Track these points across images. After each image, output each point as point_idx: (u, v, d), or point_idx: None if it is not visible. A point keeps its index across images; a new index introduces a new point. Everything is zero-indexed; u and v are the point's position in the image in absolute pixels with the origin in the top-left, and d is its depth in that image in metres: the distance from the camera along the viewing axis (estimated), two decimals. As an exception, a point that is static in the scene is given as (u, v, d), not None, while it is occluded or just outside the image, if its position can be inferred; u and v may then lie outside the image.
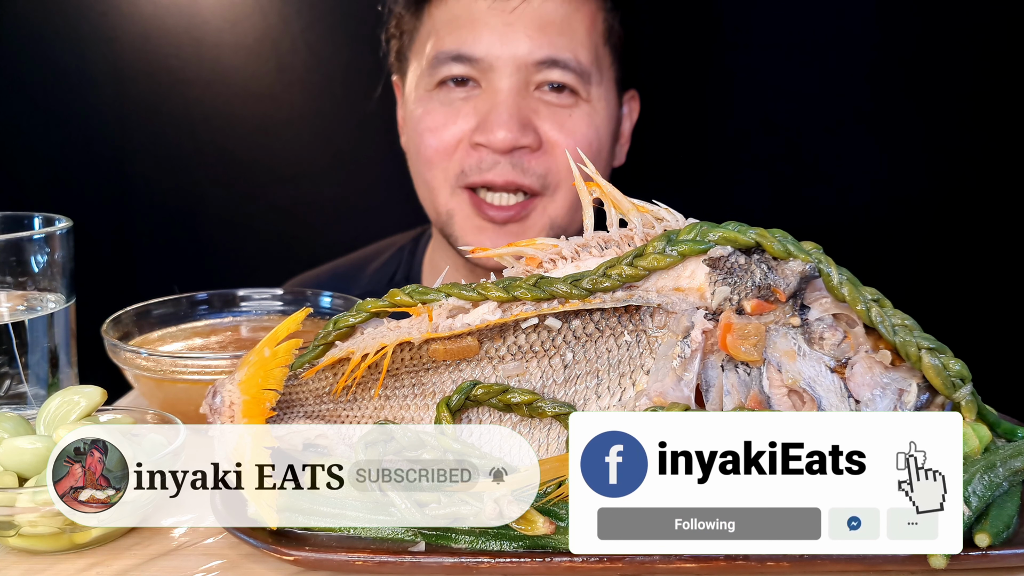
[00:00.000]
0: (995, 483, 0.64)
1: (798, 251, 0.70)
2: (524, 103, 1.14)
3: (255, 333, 0.99)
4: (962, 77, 1.54)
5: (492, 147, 1.14)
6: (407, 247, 1.44)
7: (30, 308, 0.89)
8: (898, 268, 1.59)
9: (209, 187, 1.82)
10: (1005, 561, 0.60)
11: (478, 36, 1.14)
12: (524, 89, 1.15)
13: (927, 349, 0.69)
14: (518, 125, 1.12)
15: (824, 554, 0.60)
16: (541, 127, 1.15)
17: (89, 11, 1.75)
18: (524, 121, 1.13)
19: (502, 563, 0.60)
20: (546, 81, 1.15)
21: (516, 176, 1.14)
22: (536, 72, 1.14)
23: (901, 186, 1.60)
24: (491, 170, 1.15)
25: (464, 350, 0.71)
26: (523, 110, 1.14)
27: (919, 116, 1.57)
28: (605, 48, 1.20)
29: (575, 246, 0.73)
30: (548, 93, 1.16)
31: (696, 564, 0.60)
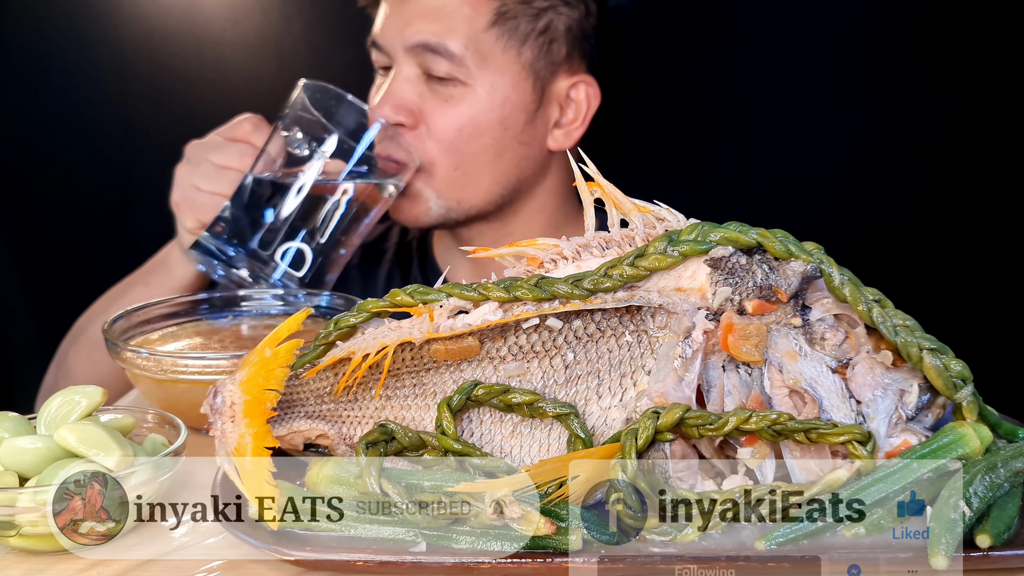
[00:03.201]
0: (996, 484, 0.64)
1: (799, 251, 0.70)
2: (409, 85, 1.25)
3: (256, 333, 0.99)
4: (963, 77, 1.54)
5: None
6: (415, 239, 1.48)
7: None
8: (899, 268, 1.59)
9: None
10: (1006, 562, 0.60)
11: (383, 24, 1.28)
12: (414, 73, 1.25)
13: (928, 350, 0.69)
14: (394, 105, 1.23)
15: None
16: (419, 109, 1.24)
17: (91, 10, 1.75)
18: (399, 102, 1.24)
19: (503, 563, 0.60)
20: (430, 70, 1.24)
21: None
22: (421, 59, 1.24)
23: (902, 186, 1.60)
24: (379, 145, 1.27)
25: (465, 350, 0.71)
26: (405, 91, 1.24)
27: (920, 116, 1.57)
28: (489, 34, 1.24)
29: (576, 246, 0.73)
30: (433, 82, 1.25)
31: (696, 564, 0.60)
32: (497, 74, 1.25)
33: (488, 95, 1.25)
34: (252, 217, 1.09)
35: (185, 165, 1.18)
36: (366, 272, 1.44)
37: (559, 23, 1.28)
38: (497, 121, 1.26)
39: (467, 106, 1.24)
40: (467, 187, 1.27)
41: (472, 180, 1.27)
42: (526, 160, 1.31)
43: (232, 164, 1.14)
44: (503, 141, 1.27)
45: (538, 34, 1.27)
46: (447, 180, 1.26)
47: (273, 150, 1.11)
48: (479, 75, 1.24)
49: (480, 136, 1.26)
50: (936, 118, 1.56)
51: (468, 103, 1.24)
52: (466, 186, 1.27)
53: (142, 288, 1.25)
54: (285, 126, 1.12)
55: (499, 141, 1.27)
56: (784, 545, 0.62)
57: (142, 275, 1.29)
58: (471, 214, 1.30)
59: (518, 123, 1.28)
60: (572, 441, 0.69)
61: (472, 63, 1.23)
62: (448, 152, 1.24)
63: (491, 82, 1.25)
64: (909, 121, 1.58)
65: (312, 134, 1.10)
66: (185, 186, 1.17)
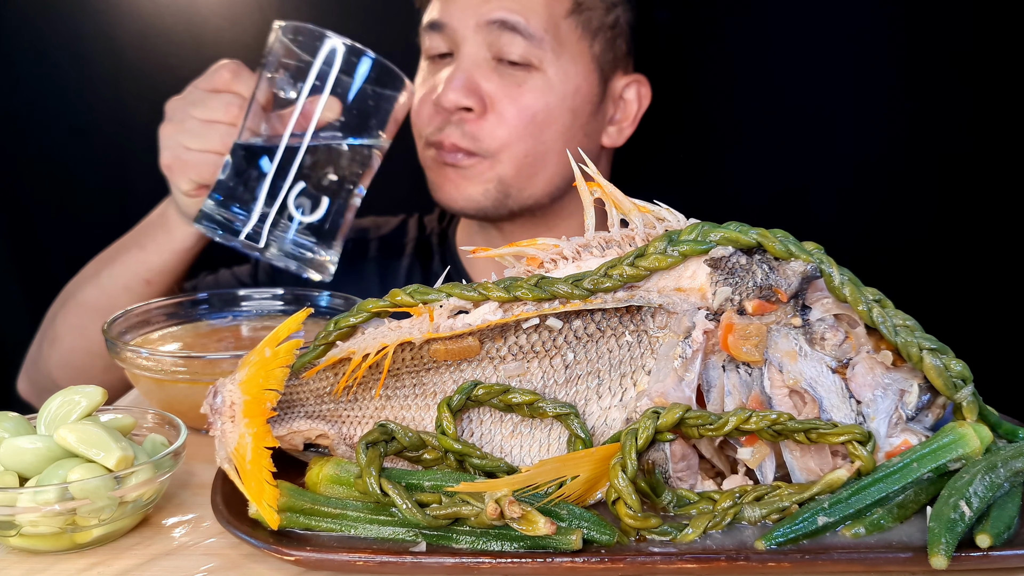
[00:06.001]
0: (996, 484, 0.64)
1: (799, 251, 0.70)
2: (478, 69, 1.23)
3: (256, 333, 0.99)
4: (964, 77, 1.54)
5: (441, 107, 1.23)
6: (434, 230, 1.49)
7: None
8: (900, 269, 1.59)
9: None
10: (1006, 562, 0.60)
11: (446, 5, 1.25)
12: (483, 57, 1.23)
13: (928, 350, 0.69)
14: (464, 89, 1.21)
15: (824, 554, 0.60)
16: (490, 93, 1.22)
17: (88, 9, 1.75)
18: (472, 85, 1.22)
19: (503, 563, 0.60)
20: (503, 54, 1.22)
21: (458, 138, 1.23)
22: (494, 40, 1.22)
23: (902, 186, 1.60)
24: (443, 131, 1.24)
25: (465, 350, 0.71)
26: (475, 76, 1.22)
27: (920, 117, 1.57)
28: (569, 21, 1.25)
29: (576, 246, 0.73)
30: (506, 66, 1.23)
31: (696, 564, 0.60)
32: (571, 62, 1.25)
33: (562, 82, 1.24)
34: (253, 176, 1.01)
35: (168, 125, 1.11)
36: (385, 267, 1.43)
37: (624, 20, 1.30)
38: (569, 109, 1.26)
39: (541, 92, 1.23)
40: (533, 176, 1.26)
41: (540, 168, 1.26)
42: (586, 153, 1.30)
43: (218, 117, 1.07)
44: (572, 130, 1.27)
45: (608, 28, 1.28)
46: (516, 167, 1.25)
47: (261, 98, 1.04)
48: (554, 61, 1.23)
49: (552, 123, 1.25)
50: (936, 119, 1.57)
51: (542, 89, 1.23)
52: (532, 175, 1.26)
53: (138, 251, 1.21)
54: (270, 71, 1.03)
55: (568, 130, 1.26)
56: (784, 545, 0.62)
57: (136, 237, 1.23)
58: (526, 205, 1.28)
59: (585, 114, 1.28)
60: (572, 441, 0.69)
61: (549, 47, 1.22)
62: (521, 138, 1.23)
63: (565, 69, 1.24)
64: (909, 122, 1.58)
65: (300, 76, 1.01)
66: (173, 147, 1.10)
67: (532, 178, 1.26)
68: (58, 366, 1.26)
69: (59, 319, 1.26)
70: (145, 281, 1.20)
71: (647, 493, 0.66)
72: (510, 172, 1.25)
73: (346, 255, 1.46)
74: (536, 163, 1.25)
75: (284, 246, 1.01)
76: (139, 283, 1.20)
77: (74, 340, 1.23)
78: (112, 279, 1.21)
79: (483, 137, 1.23)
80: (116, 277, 1.21)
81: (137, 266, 1.20)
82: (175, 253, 1.19)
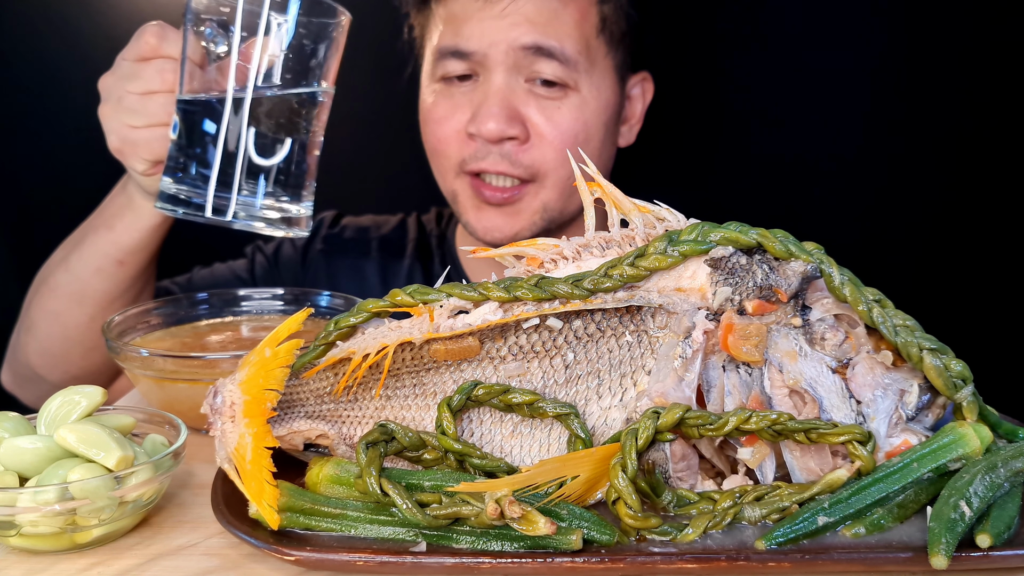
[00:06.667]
0: (996, 484, 0.64)
1: (800, 251, 0.70)
2: (514, 96, 1.21)
3: (256, 333, 0.99)
4: (964, 78, 1.54)
5: (482, 137, 1.21)
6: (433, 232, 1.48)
7: None
8: (900, 269, 1.59)
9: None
10: (1006, 562, 0.60)
11: (471, 31, 1.21)
12: (515, 82, 1.21)
13: (928, 350, 0.69)
14: (506, 117, 1.19)
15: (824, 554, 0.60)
16: (530, 118, 1.22)
17: (87, 9, 1.75)
18: (512, 113, 1.20)
19: (503, 563, 0.60)
20: (536, 75, 1.21)
21: (506, 167, 1.22)
22: (526, 63, 1.20)
23: (903, 187, 1.60)
24: (485, 159, 1.22)
25: (465, 350, 0.71)
26: (512, 102, 1.21)
27: (921, 117, 1.57)
28: (598, 39, 1.25)
29: (576, 246, 0.73)
30: (539, 87, 1.22)
31: (696, 564, 0.60)
32: (600, 78, 1.25)
33: (595, 99, 1.24)
34: (203, 142, 0.93)
35: (106, 105, 1.04)
36: (386, 267, 1.43)
37: (632, 24, 1.30)
38: (603, 124, 1.26)
39: (578, 111, 1.23)
40: (573, 194, 1.26)
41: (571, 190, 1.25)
42: (610, 161, 1.32)
43: (155, 87, 0.99)
44: (605, 143, 1.28)
45: (624, 36, 1.29)
46: (560, 190, 1.25)
47: (194, 56, 0.94)
48: (586, 80, 1.23)
49: (591, 140, 1.25)
50: (937, 120, 1.57)
51: (579, 108, 1.23)
52: (573, 193, 1.25)
53: (106, 232, 1.15)
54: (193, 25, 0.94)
55: (603, 143, 1.27)
56: (784, 545, 0.62)
57: (104, 218, 1.17)
58: (566, 221, 1.28)
59: (612, 123, 1.29)
60: (572, 441, 0.69)
61: (583, 68, 1.22)
62: (565, 160, 1.22)
63: (596, 86, 1.24)
64: (910, 122, 1.58)
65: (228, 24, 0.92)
66: (117, 128, 1.02)
67: (572, 197, 1.26)
68: (36, 353, 1.22)
69: (33, 306, 1.23)
70: (117, 262, 1.15)
71: (647, 493, 0.66)
72: (554, 196, 1.25)
73: (348, 254, 1.46)
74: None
75: (253, 211, 0.93)
76: (111, 264, 1.15)
77: (49, 326, 1.20)
78: (83, 262, 1.16)
79: (528, 162, 1.22)
80: (87, 260, 1.16)
81: (108, 247, 1.15)
82: (145, 231, 1.14)
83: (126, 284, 1.17)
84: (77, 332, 1.18)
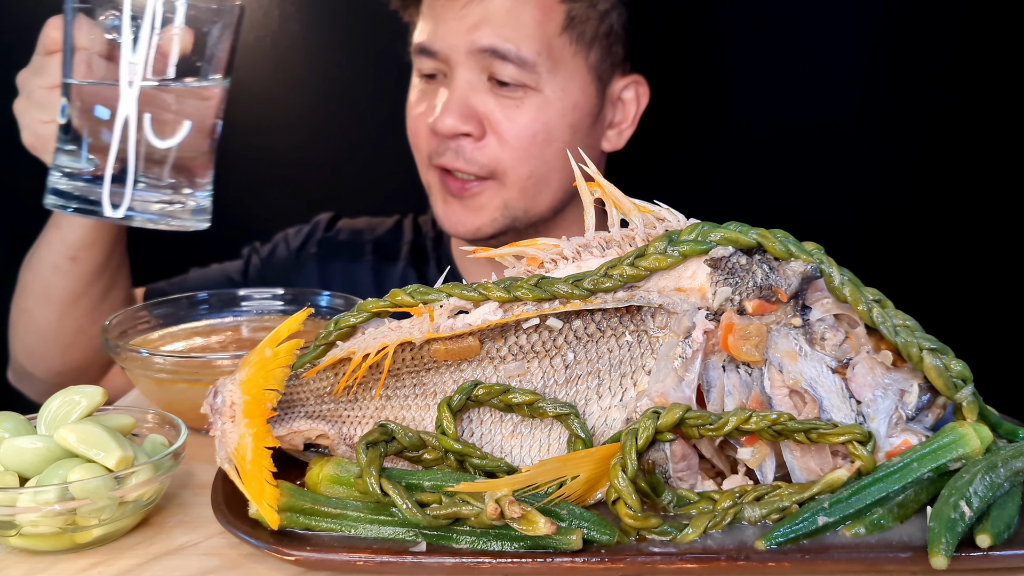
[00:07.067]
0: (996, 484, 0.64)
1: (799, 251, 0.70)
2: (474, 93, 1.22)
3: (256, 333, 0.99)
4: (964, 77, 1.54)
5: (438, 133, 1.23)
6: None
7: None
8: (900, 269, 1.59)
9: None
10: (1006, 562, 0.60)
11: (436, 29, 1.23)
12: (478, 80, 1.22)
13: (928, 350, 0.69)
14: (461, 115, 1.21)
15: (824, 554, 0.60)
16: (488, 117, 1.22)
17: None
18: (468, 111, 1.21)
19: (503, 563, 0.60)
20: (495, 75, 1.21)
21: (461, 163, 1.23)
22: (486, 65, 1.21)
23: (903, 186, 1.60)
24: (444, 155, 1.24)
25: (465, 350, 0.71)
26: (471, 100, 1.22)
27: (921, 116, 1.57)
28: (563, 39, 1.23)
29: (576, 246, 0.73)
30: (500, 87, 1.22)
31: (696, 564, 0.60)
32: (568, 78, 1.24)
33: (560, 100, 1.23)
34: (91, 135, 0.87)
35: (19, 100, 1.03)
36: (380, 272, 1.43)
37: (618, 24, 1.29)
38: (568, 126, 1.25)
39: (539, 111, 1.22)
40: (537, 194, 1.26)
41: (543, 187, 1.26)
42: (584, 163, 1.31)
43: (57, 81, 0.93)
44: (572, 145, 1.26)
45: (603, 36, 1.27)
46: (520, 188, 1.25)
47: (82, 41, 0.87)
48: (550, 80, 1.22)
49: (553, 141, 1.24)
50: (937, 119, 1.57)
51: (540, 108, 1.22)
52: (536, 193, 1.26)
53: (55, 230, 1.15)
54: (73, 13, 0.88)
55: (569, 145, 1.26)
56: (784, 545, 0.62)
57: (55, 217, 1.16)
58: (531, 223, 1.28)
59: (585, 126, 1.28)
60: (572, 441, 0.69)
61: (544, 69, 1.21)
62: (523, 159, 1.22)
63: (562, 87, 1.23)
64: (910, 121, 1.58)
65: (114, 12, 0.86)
66: (29, 123, 1.02)
67: (536, 197, 1.26)
68: (20, 352, 1.25)
69: (12, 305, 1.24)
70: (70, 259, 1.15)
71: (647, 493, 0.66)
72: (515, 194, 1.25)
73: (341, 257, 1.46)
74: (540, 183, 1.25)
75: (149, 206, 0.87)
76: (65, 261, 1.15)
77: (25, 324, 1.22)
78: (41, 260, 1.17)
79: (485, 161, 1.22)
80: (44, 258, 1.17)
81: (59, 245, 1.15)
82: (88, 227, 1.13)
83: (86, 281, 1.17)
84: (49, 330, 1.19)
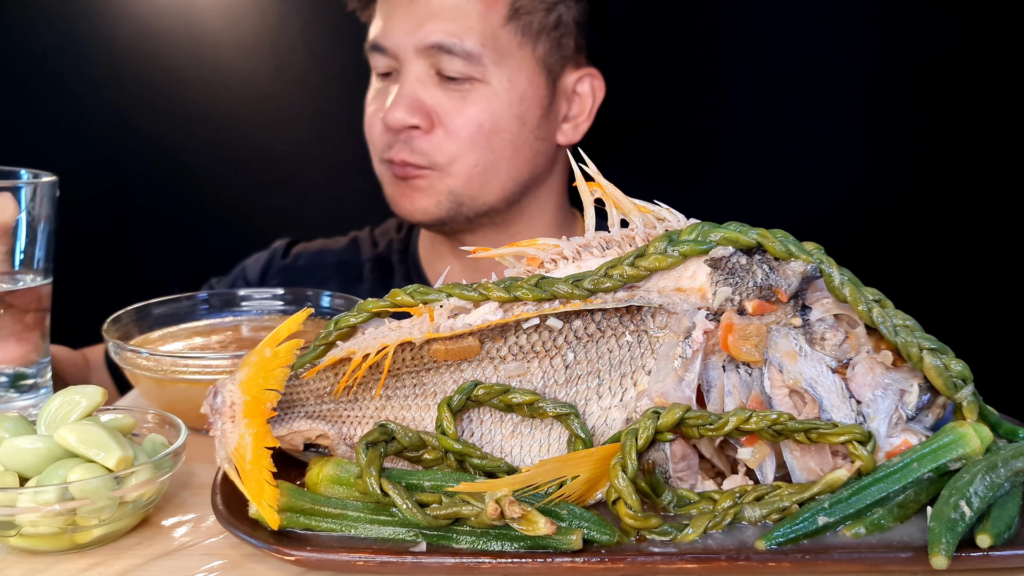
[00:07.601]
0: (996, 484, 0.64)
1: (799, 251, 0.70)
2: (423, 87, 1.24)
3: (256, 333, 0.99)
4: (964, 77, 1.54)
5: (387, 126, 1.25)
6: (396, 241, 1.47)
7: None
8: (900, 269, 1.59)
9: (207, 186, 1.82)
10: (1006, 562, 0.60)
11: (386, 27, 1.26)
12: (426, 74, 1.24)
13: (928, 350, 0.69)
14: (409, 107, 1.23)
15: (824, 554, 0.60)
16: (435, 109, 1.24)
17: (86, 10, 1.75)
18: (416, 104, 1.24)
19: (503, 563, 0.60)
20: (442, 71, 1.23)
21: (405, 155, 1.25)
22: (434, 60, 1.23)
23: (903, 186, 1.60)
24: (391, 148, 1.27)
25: (465, 350, 0.71)
26: (419, 94, 1.24)
27: (921, 116, 1.57)
28: (507, 30, 1.24)
29: (576, 246, 0.73)
30: (448, 81, 1.24)
31: (696, 564, 0.60)
32: (514, 69, 1.25)
33: (506, 91, 1.25)
34: None
35: None
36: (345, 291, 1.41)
37: (568, 16, 1.29)
38: (515, 116, 1.26)
39: (486, 102, 1.24)
40: (485, 185, 1.27)
41: (491, 177, 1.27)
42: (539, 156, 1.31)
43: None
44: (521, 136, 1.27)
45: (551, 28, 1.28)
46: (466, 177, 1.26)
47: None
48: (496, 71, 1.24)
49: (499, 132, 1.26)
50: (937, 119, 1.57)
51: (487, 99, 1.24)
52: (484, 183, 1.27)
53: None
54: None
55: (517, 137, 1.27)
56: (784, 545, 0.62)
57: None
58: (482, 211, 1.29)
59: (534, 118, 1.29)
60: (572, 441, 0.69)
61: (489, 60, 1.23)
62: (469, 150, 1.24)
63: (508, 78, 1.25)
64: (910, 121, 1.58)
65: None
66: None
67: (484, 187, 1.28)
68: None
69: None
70: None
71: (647, 493, 0.66)
72: (460, 183, 1.26)
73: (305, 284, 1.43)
74: (487, 172, 1.26)
75: None
76: None
77: None
78: None
79: (432, 152, 1.24)
80: None
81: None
82: None
83: None
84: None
